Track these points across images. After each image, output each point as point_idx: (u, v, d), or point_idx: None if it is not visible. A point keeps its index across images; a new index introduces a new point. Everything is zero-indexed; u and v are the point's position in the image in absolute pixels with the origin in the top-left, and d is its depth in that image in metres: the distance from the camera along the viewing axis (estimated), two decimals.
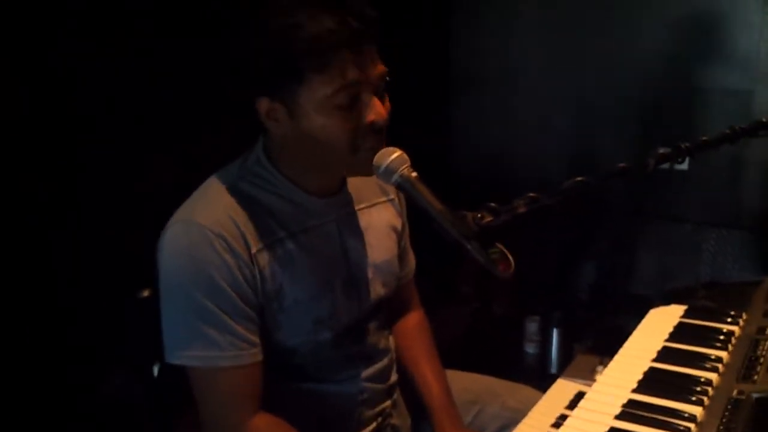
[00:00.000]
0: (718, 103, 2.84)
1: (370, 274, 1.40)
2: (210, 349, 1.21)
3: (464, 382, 1.63)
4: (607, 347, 1.69)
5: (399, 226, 1.51)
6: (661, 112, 2.96)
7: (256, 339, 1.24)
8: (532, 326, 2.89)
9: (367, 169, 1.22)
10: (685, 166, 2.82)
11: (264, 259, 1.24)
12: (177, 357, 1.22)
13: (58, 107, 1.79)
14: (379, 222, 1.45)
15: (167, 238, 1.22)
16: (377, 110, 1.19)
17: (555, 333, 2.78)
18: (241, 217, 1.22)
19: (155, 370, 1.36)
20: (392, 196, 1.49)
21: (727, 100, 2.83)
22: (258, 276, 1.23)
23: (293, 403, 1.35)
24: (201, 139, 2.06)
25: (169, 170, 1.94)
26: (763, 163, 2.81)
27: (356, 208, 1.40)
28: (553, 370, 2.78)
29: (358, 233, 1.39)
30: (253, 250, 1.22)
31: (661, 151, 1.40)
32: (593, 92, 3.06)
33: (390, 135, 1.24)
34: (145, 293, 1.31)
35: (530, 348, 2.90)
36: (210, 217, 1.20)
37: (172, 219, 1.23)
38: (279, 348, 1.30)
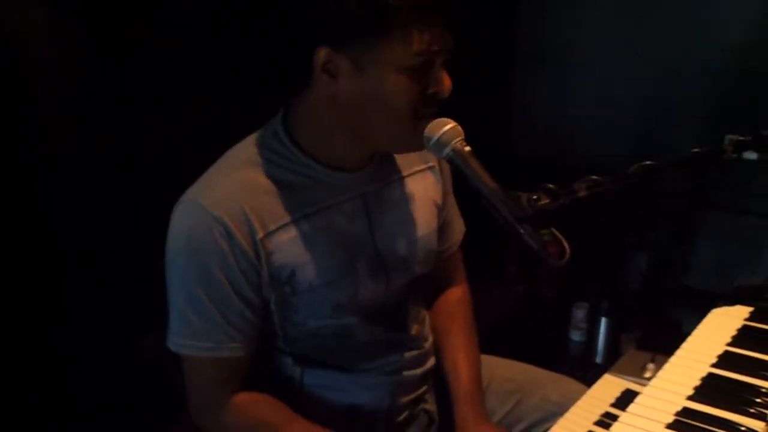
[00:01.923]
0: None
1: (403, 252, 1.33)
2: (191, 337, 1.20)
3: (507, 371, 1.56)
4: (657, 342, 1.60)
5: (440, 196, 1.42)
6: (731, 100, 2.81)
7: (238, 334, 1.21)
8: (579, 313, 2.80)
9: (419, 142, 1.16)
10: (753, 155, 2.69)
11: (272, 243, 1.18)
12: (168, 341, 1.23)
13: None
14: (417, 193, 1.36)
15: (173, 218, 1.19)
16: (445, 83, 1.15)
17: (603, 322, 2.68)
18: (249, 198, 1.17)
19: None
20: (432, 163, 1.40)
21: None
22: (264, 262, 1.18)
23: (321, 392, 1.32)
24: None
25: (176, 155, 1.87)
26: None
27: (390, 179, 1.33)
28: (598, 359, 2.69)
29: (389, 208, 1.32)
30: (260, 235, 1.17)
31: (742, 137, 1.30)
32: (661, 76, 2.92)
33: (449, 111, 1.18)
34: None
35: (576, 336, 2.81)
36: (214, 198, 1.16)
37: (182, 196, 1.20)
38: (300, 330, 1.26)
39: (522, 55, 3.24)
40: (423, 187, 1.38)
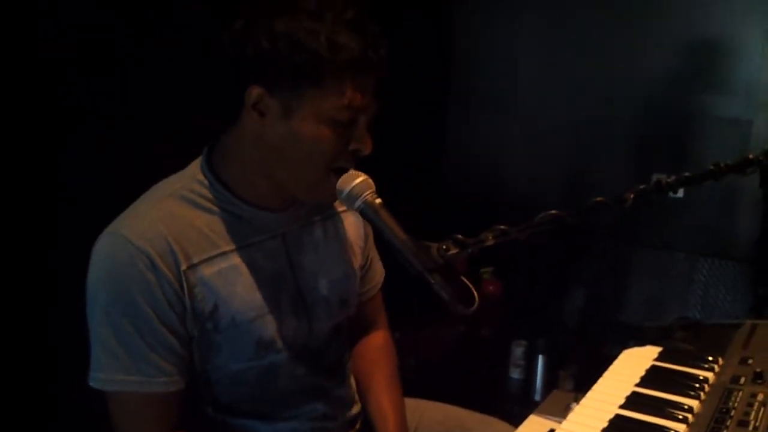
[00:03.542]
0: (718, 131, 2.82)
1: (324, 292, 1.34)
2: (118, 371, 1.16)
3: (435, 414, 1.57)
4: (593, 378, 1.64)
5: (362, 237, 1.44)
6: (659, 138, 2.93)
7: (169, 367, 1.18)
8: (517, 351, 2.85)
9: (330, 195, 1.19)
10: (680, 194, 2.78)
11: (195, 276, 1.18)
12: (92, 379, 1.18)
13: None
14: (338, 234, 1.38)
15: (94, 250, 1.17)
16: (366, 141, 1.18)
17: (540, 359, 2.73)
18: (173, 230, 1.17)
19: None
20: None
21: (727, 128, 2.80)
22: (186, 295, 1.17)
23: None
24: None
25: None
26: (758, 193, 2.75)
27: (312, 219, 1.34)
28: (537, 397, 2.73)
29: (310, 248, 1.33)
30: (183, 267, 1.17)
31: (642, 186, 1.36)
32: (590, 115, 3.03)
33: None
34: None
35: (515, 373, 2.85)
36: (137, 230, 1.15)
37: (105, 229, 1.19)
38: (223, 375, 1.25)
39: (456, 99, 3.33)
40: (344, 228, 1.40)
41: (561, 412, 1.58)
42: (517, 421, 1.59)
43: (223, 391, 1.27)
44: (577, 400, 1.60)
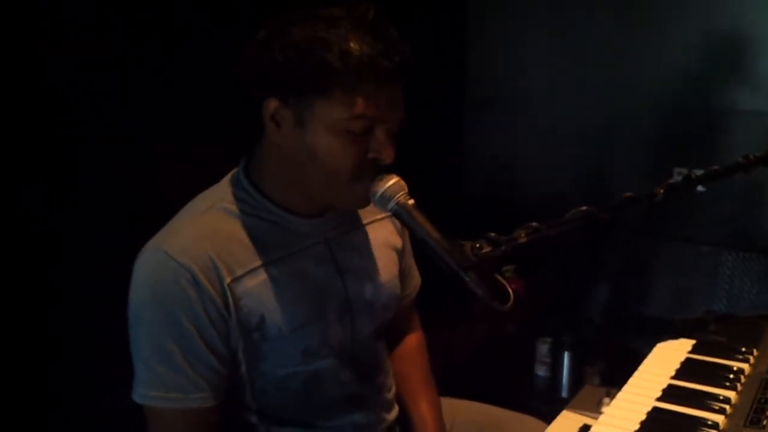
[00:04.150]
0: (739, 125, 2.79)
1: (370, 297, 1.34)
2: (158, 388, 1.17)
3: (468, 413, 1.58)
4: (619, 373, 1.64)
5: (400, 243, 1.44)
6: (679, 134, 2.91)
7: (206, 384, 1.19)
8: (543, 348, 2.84)
9: (359, 201, 1.20)
10: (702, 187, 2.77)
11: (240, 288, 1.18)
12: (135, 394, 1.19)
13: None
14: (378, 240, 1.38)
15: (135, 267, 1.18)
16: (386, 151, 1.16)
17: (566, 356, 2.72)
18: (215, 244, 1.17)
19: None
20: None
21: (748, 121, 2.77)
22: (233, 308, 1.17)
23: None
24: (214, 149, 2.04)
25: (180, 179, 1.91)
26: None
27: (352, 226, 1.35)
28: (564, 394, 2.73)
29: (355, 252, 1.33)
30: (228, 281, 1.17)
31: (672, 180, 1.36)
32: (608, 112, 3.02)
33: (403, 155, 1.20)
34: None
35: (541, 371, 2.84)
36: (179, 246, 1.16)
37: (145, 246, 1.19)
38: (268, 380, 1.25)
39: (472, 101, 3.33)
40: (383, 235, 1.40)
41: (593, 408, 1.59)
42: (547, 419, 1.60)
43: (267, 399, 1.28)
44: (609, 395, 1.62)
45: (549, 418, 1.63)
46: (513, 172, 3.27)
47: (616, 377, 1.71)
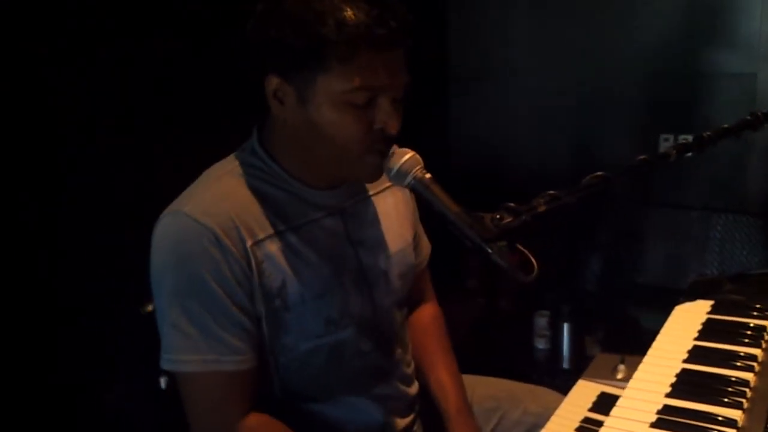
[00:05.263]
0: (722, 87, 2.81)
1: (384, 266, 1.33)
2: (191, 351, 1.14)
3: (485, 388, 1.58)
4: (619, 341, 1.64)
5: (411, 209, 1.44)
6: (663, 99, 2.91)
7: (240, 345, 1.16)
8: (541, 321, 2.84)
9: (371, 173, 1.18)
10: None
11: (262, 251, 1.16)
12: (164, 361, 1.17)
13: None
14: (391, 208, 1.38)
15: (156, 232, 1.16)
16: (392, 120, 1.14)
17: (566, 327, 2.73)
18: (236, 206, 1.15)
19: (162, 383, 1.29)
20: None
21: (731, 83, 2.79)
22: (255, 270, 1.15)
23: (309, 426, 1.29)
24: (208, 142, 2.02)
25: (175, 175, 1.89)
26: None
27: (364, 195, 1.34)
28: (565, 365, 2.74)
29: (367, 223, 1.32)
30: (249, 243, 1.15)
31: (682, 140, 1.36)
32: (593, 82, 3.02)
33: None
34: (149, 308, 1.25)
35: (540, 344, 2.84)
36: (199, 207, 1.14)
37: (164, 211, 1.17)
38: (292, 357, 1.23)
39: (455, 74, 3.30)
40: (394, 203, 1.39)
41: (609, 375, 1.58)
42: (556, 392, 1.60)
43: (291, 375, 1.26)
44: (623, 362, 1.61)
45: (553, 389, 1.63)
46: (499, 146, 3.26)
47: (615, 345, 1.72)
